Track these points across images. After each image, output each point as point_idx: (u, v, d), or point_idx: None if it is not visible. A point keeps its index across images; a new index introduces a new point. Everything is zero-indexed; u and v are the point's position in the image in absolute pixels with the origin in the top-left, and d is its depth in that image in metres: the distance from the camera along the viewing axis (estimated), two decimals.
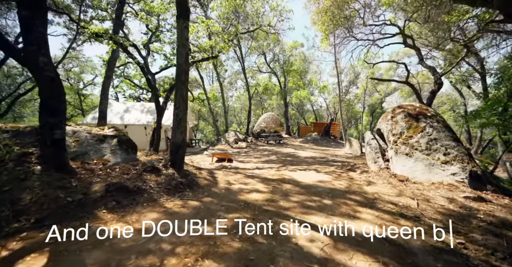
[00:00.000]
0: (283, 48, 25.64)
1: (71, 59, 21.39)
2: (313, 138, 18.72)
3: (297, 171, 6.36)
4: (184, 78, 4.23)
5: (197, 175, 4.52)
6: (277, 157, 10.25)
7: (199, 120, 35.89)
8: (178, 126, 4.24)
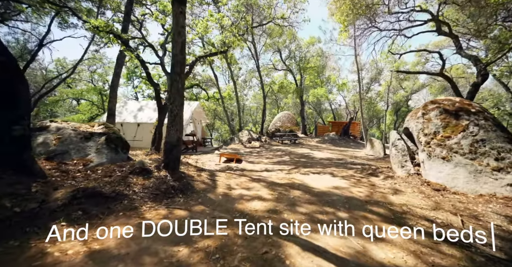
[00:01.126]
0: (299, 45, 24.70)
1: (95, 61, 22.45)
2: (331, 138, 17.68)
3: (309, 175, 5.69)
4: (180, 69, 3.82)
5: (195, 178, 4.09)
6: (290, 158, 9.59)
7: (214, 119, 36.09)
8: (172, 123, 3.84)
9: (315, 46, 24.68)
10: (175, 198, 3.12)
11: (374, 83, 28.37)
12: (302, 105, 25.17)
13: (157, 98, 5.56)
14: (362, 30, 11.09)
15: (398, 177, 4.91)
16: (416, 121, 5.30)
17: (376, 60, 12.67)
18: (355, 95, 28.43)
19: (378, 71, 26.13)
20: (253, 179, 4.87)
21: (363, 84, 27.27)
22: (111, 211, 2.48)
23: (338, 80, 30.96)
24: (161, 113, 5.80)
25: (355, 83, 28.97)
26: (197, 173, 4.48)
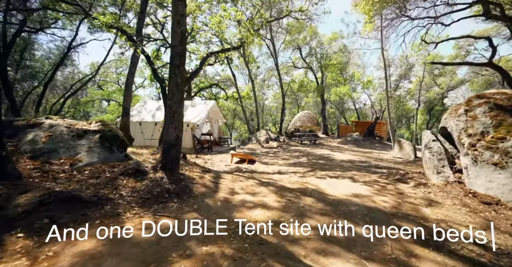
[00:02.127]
0: (321, 41, 23.61)
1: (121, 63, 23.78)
2: (354, 138, 16.53)
3: (326, 179, 5.11)
4: (179, 62, 3.55)
5: (196, 180, 3.80)
6: (308, 159, 8.98)
7: (234, 118, 36.23)
8: (171, 120, 3.59)
9: (337, 42, 23.40)
10: (168, 203, 2.84)
11: (403, 80, 26.10)
12: (323, 104, 24.05)
13: (164, 95, 5.39)
14: (389, 20, 10.03)
15: (433, 185, 4.13)
16: (457, 119, 4.44)
17: (406, 53, 11.36)
18: (382, 93, 26.42)
19: (408, 67, 23.87)
20: (261, 182, 4.45)
21: (390, 81, 25.23)
22: (86, 218, 2.20)
23: (363, 77, 29.09)
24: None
25: (382, 81, 26.94)
26: (200, 175, 4.20)
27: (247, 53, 20.18)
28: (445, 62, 15.44)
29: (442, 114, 25.14)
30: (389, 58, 23.32)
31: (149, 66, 4.93)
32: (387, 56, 19.12)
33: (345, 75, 29.73)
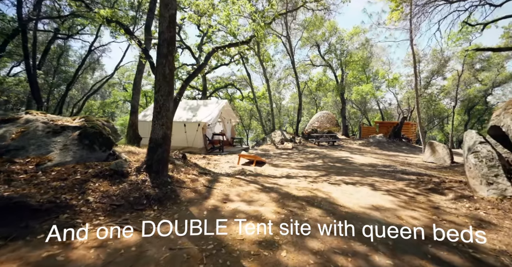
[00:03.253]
0: (341, 37, 22.37)
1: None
2: (377, 140, 15.19)
3: (341, 185, 4.39)
4: (167, 50, 3.14)
5: (186, 183, 3.35)
6: (323, 162, 8.20)
7: (251, 119, 35.93)
8: (157, 116, 3.19)
9: (359, 36, 21.95)
10: (145, 211, 2.42)
11: (435, 77, 23.64)
12: (343, 103, 22.71)
13: None
14: (420, 6, 8.87)
15: (481, 199, 3.23)
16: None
17: (441, 45, 9.79)
18: (410, 91, 24.24)
19: (443, 61, 21.47)
20: (263, 188, 3.89)
21: (420, 78, 23.00)
22: (26, 232, 1.79)
23: (388, 75, 27.09)
24: None
25: (410, 78, 24.78)
26: (194, 178, 3.76)
27: (262, 51, 19.70)
28: (496, 47, 12.94)
29: (483, 113, 22.29)
30: (419, 52, 21.29)
31: (147, 60, 4.67)
32: (416, 50, 17.33)
33: (367, 72, 27.93)
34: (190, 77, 5.60)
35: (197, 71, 5.66)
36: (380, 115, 29.03)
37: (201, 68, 5.75)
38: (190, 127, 11.02)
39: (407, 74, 25.60)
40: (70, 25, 16.22)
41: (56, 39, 16.60)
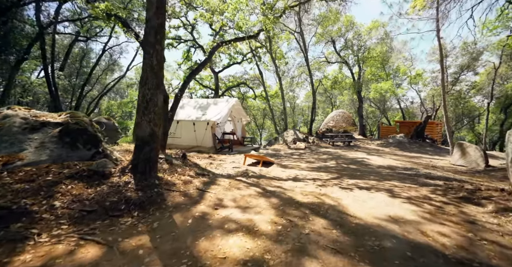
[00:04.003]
0: (358, 32, 21.29)
1: None
2: (398, 140, 14.15)
3: (353, 190, 3.89)
4: (155, 39, 2.87)
5: (177, 186, 3.06)
6: (337, 163, 7.64)
7: (264, 118, 35.55)
8: (144, 112, 2.94)
9: (378, 31, 20.69)
10: (121, 219, 2.14)
11: (466, 72, 21.61)
12: (360, 102, 21.60)
13: None
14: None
15: None
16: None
17: (474, 33, 8.59)
18: (435, 88, 22.47)
19: (475, 55, 19.49)
20: (264, 192, 3.52)
21: (447, 74, 21.15)
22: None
23: (410, 71, 25.38)
24: (165, 103, 5.08)
25: (435, 74, 23.00)
26: (189, 179, 3.47)
27: (275, 48, 19.23)
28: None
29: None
30: (446, 46, 19.58)
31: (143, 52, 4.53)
32: (444, 43, 15.77)
33: (387, 69, 26.39)
34: (192, 73, 5.37)
35: (200, 66, 5.42)
36: (400, 114, 27.32)
37: (204, 63, 5.50)
38: (199, 126, 10.90)
39: (431, 70, 23.82)
40: (88, 28, 16.87)
41: (77, 41, 17.39)
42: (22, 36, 12.47)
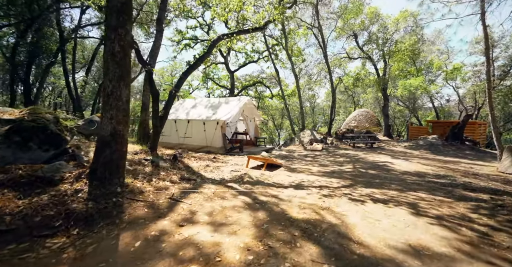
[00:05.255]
0: (384, 24, 19.56)
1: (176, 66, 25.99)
2: (430, 142, 12.54)
3: (365, 203, 3.16)
4: (117, 21, 2.42)
5: (145, 195, 2.61)
6: (354, 167, 6.78)
7: (283, 118, 34.72)
8: (105, 107, 2.54)
9: (407, 21, 18.76)
10: (52, 240, 1.67)
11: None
12: (386, 100, 19.81)
13: (149, 81, 4.49)
14: None
15: None
16: None
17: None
18: (478, 84, 19.76)
19: None
20: (254, 203, 2.97)
21: (494, 67, 18.38)
22: None
23: (446, 65, 22.73)
24: (155, 101, 4.70)
25: (478, 67, 20.24)
26: (167, 185, 3.04)
27: (291, 45, 18.44)
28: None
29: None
30: (493, 35, 17.03)
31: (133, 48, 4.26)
32: (490, 32, 13.51)
33: (418, 63, 23.99)
34: (190, 68, 5.00)
35: (198, 61, 5.04)
36: (434, 114, 24.65)
37: (203, 58, 5.11)
38: (209, 126, 10.63)
39: (473, 63, 20.99)
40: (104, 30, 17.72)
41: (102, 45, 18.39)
42: (52, 41, 13.37)
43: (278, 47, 19.81)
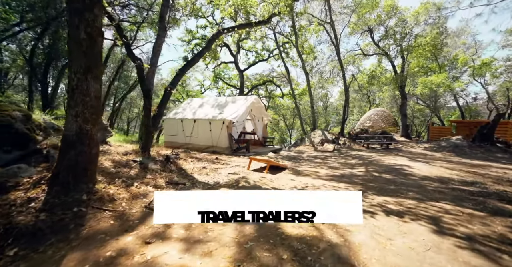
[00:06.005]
0: (403, 18, 18.34)
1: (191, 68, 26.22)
2: (454, 144, 11.47)
3: (376, 215, 2.68)
4: (83, 4, 2.12)
5: (116, 203, 2.29)
6: (366, 170, 6.19)
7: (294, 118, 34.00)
8: (70, 103, 2.24)
9: (429, 13, 17.44)
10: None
11: None
12: (404, 98, 18.60)
13: (140, 77, 4.22)
14: None
15: None
16: None
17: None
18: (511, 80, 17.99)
19: None
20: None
21: None
22: None
23: (474, 60, 20.92)
24: (146, 99, 4.39)
25: (510, 63, 18.43)
26: (148, 191, 2.73)
27: (302, 42, 17.81)
28: None
29: None
30: None
31: (122, 41, 3.97)
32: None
33: (441, 59, 22.35)
34: (187, 64, 4.72)
35: (196, 57, 4.75)
36: (458, 113, 22.86)
37: (202, 53, 4.82)
38: (215, 125, 10.39)
39: (506, 58, 19.13)
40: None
41: (116, 46, 18.77)
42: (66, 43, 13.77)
43: (289, 44, 19.26)
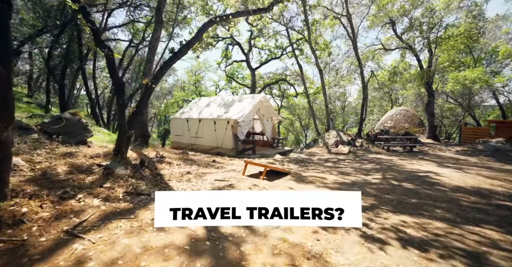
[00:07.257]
0: (431, 7, 16.61)
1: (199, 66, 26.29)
2: (492, 147, 9.92)
3: (386, 248, 1.92)
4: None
5: (25, 226, 1.60)
6: (383, 177, 5.28)
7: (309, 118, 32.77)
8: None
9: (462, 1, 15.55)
10: None
11: None
12: (431, 96, 16.79)
13: (111, 70, 3.70)
14: None
15: None
16: None
17: None
18: None
19: None
20: (203, 240, 1.98)
21: None
22: None
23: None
24: (119, 94, 3.82)
25: None
26: (86, 205, 2.18)
27: (316, 37, 16.80)
28: None
29: None
30: None
31: (88, 26, 3.45)
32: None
33: (477, 52, 19.99)
34: (174, 56, 4.24)
35: (183, 48, 4.25)
36: (498, 112, 20.23)
37: (190, 44, 4.31)
38: (220, 125, 9.92)
39: None
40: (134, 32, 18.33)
41: (130, 47, 19.18)
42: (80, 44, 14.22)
43: (302, 40, 18.35)
